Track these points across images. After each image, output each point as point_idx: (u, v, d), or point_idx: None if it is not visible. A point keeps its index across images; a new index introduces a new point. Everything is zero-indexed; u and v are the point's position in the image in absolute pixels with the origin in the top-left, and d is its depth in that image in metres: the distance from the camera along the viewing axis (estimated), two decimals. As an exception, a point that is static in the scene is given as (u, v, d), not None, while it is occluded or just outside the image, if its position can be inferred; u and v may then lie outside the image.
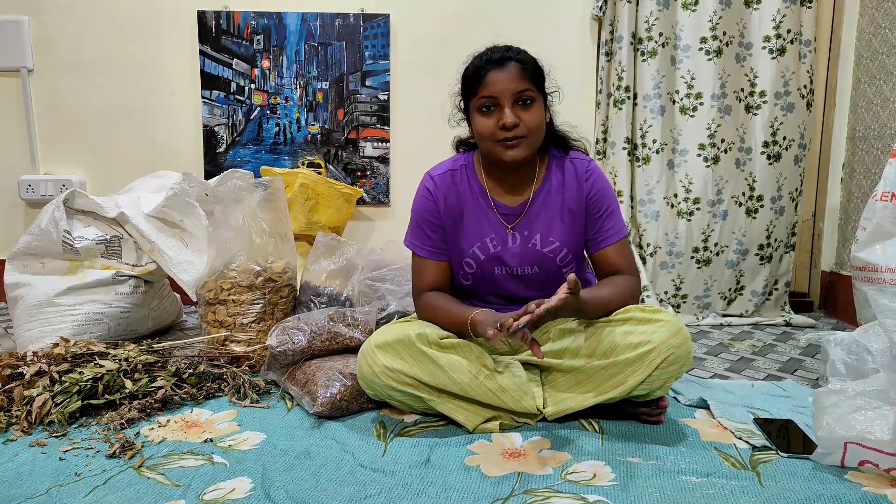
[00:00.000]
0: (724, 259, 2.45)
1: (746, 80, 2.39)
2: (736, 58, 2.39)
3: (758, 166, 2.40)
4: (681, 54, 2.40)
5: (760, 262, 2.46)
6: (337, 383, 1.40)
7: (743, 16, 2.38)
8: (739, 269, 2.46)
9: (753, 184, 2.41)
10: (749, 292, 2.48)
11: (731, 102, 2.40)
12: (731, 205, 2.43)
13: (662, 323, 1.24)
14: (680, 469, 1.14)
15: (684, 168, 2.43)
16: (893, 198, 1.82)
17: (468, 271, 1.47)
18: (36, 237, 1.87)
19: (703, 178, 2.41)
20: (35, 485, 1.08)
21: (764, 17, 2.35)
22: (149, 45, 2.55)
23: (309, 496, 1.04)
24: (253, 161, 2.58)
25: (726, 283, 2.47)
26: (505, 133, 1.31)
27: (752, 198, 2.42)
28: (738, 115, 2.41)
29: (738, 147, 2.42)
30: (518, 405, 1.31)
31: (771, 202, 2.41)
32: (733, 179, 2.42)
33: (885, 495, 1.03)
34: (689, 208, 2.42)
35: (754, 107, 2.38)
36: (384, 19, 2.51)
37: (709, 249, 2.45)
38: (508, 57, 1.33)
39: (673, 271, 2.47)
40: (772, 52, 2.35)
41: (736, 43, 2.38)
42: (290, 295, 1.83)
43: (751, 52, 2.37)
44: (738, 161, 2.42)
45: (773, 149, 2.38)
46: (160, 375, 1.50)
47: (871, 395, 1.12)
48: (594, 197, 1.42)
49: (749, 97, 2.39)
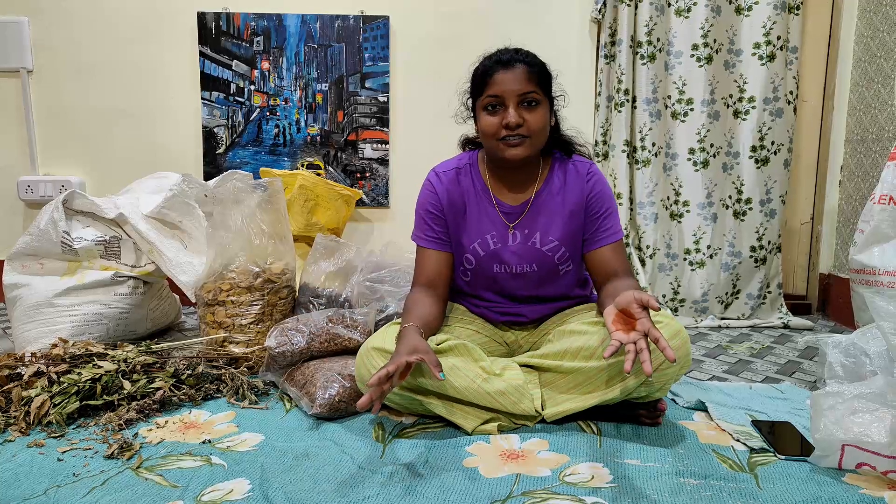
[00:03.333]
0: (720, 262, 2.47)
1: (735, 85, 2.43)
2: (725, 64, 2.43)
3: (745, 170, 2.43)
4: (673, 60, 2.44)
5: (755, 265, 2.47)
6: (336, 384, 1.40)
7: (733, 23, 2.41)
8: (736, 273, 2.47)
9: (741, 187, 2.45)
10: (745, 295, 2.49)
11: (719, 108, 2.45)
12: (720, 208, 2.47)
13: (662, 325, 1.24)
14: (678, 471, 1.14)
15: (675, 171, 2.48)
16: (891, 201, 1.83)
17: (467, 267, 1.47)
18: (35, 238, 1.87)
19: (690, 181, 2.46)
20: (33, 485, 1.08)
21: (755, 24, 2.39)
22: (148, 47, 2.55)
23: (307, 497, 1.04)
24: (252, 162, 2.58)
25: (723, 287, 2.48)
26: (508, 132, 1.33)
27: (739, 201, 2.46)
28: (726, 121, 2.45)
29: (726, 152, 2.46)
30: (516, 408, 1.31)
31: (760, 205, 2.44)
32: (721, 183, 2.46)
33: (882, 498, 1.04)
34: (679, 210, 2.48)
35: (742, 112, 2.42)
36: (384, 21, 2.51)
37: (700, 251, 2.48)
38: (517, 59, 1.34)
39: (671, 274, 2.48)
40: (762, 58, 2.38)
41: (725, 50, 2.43)
42: (289, 296, 1.83)
43: (740, 58, 2.41)
44: (724, 165, 2.47)
45: (760, 153, 2.42)
46: (159, 376, 1.50)
47: (868, 397, 1.13)
48: (594, 198, 1.43)
49: (738, 102, 2.43)
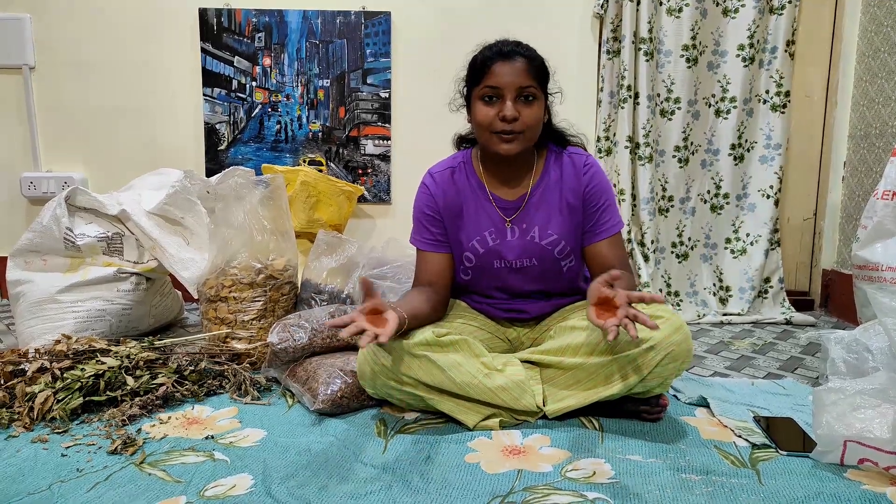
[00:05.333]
0: (698, 253, 2.56)
1: (718, 85, 2.48)
2: (708, 65, 2.48)
3: (724, 166, 2.51)
4: (663, 58, 2.47)
5: (734, 256, 2.52)
6: (338, 380, 1.40)
7: (720, 24, 2.45)
8: (714, 264, 2.54)
9: (720, 182, 2.52)
10: (737, 289, 2.51)
11: (700, 108, 2.51)
12: (698, 202, 2.55)
13: (663, 320, 1.24)
14: (680, 467, 1.14)
15: (668, 166, 2.53)
16: (894, 196, 1.82)
17: (468, 265, 1.47)
18: (38, 234, 1.88)
19: (674, 177, 2.53)
20: (37, 481, 1.09)
21: (740, 25, 2.42)
22: (150, 43, 2.55)
23: (310, 493, 1.04)
24: (254, 159, 2.58)
25: (707, 278, 2.54)
26: (503, 125, 1.32)
27: (717, 195, 2.54)
28: (706, 119, 2.51)
29: (706, 149, 2.52)
30: (518, 404, 1.31)
31: (737, 199, 2.52)
32: (699, 179, 2.54)
33: (884, 493, 1.04)
34: (665, 206, 2.54)
35: (724, 111, 2.48)
36: (385, 17, 2.51)
37: (684, 244, 2.56)
38: (517, 52, 1.33)
39: (660, 267, 2.53)
40: (745, 60, 2.43)
41: (710, 51, 2.47)
42: (291, 292, 1.83)
43: (725, 59, 2.46)
44: (703, 162, 2.54)
45: (737, 151, 2.49)
46: (161, 372, 1.50)
47: (870, 393, 1.13)
48: (592, 190, 1.42)
49: (720, 102, 2.48)
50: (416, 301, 1.36)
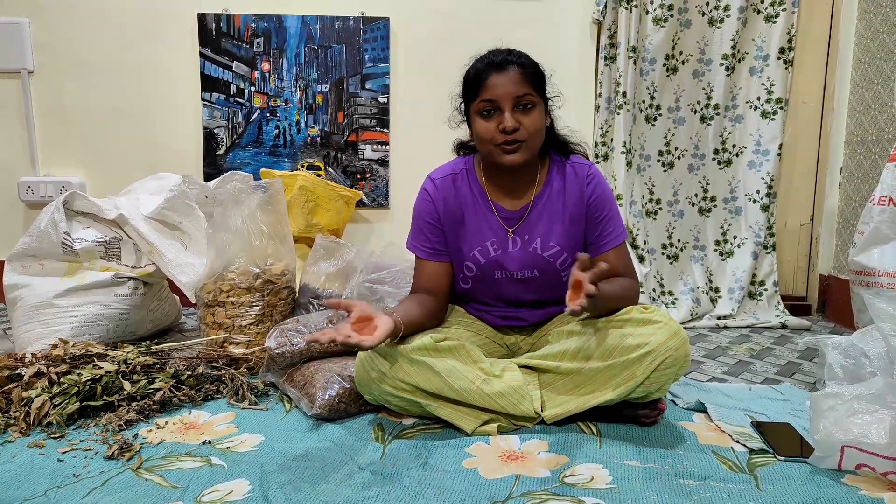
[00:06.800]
0: (688, 255, 2.60)
1: (703, 93, 2.51)
2: (693, 73, 2.51)
3: (710, 171, 2.55)
4: (647, 66, 2.50)
5: (722, 259, 2.56)
6: (335, 385, 1.40)
7: (705, 33, 2.48)
8: (705, 265, 2.57)
9: (707, 186, 2.56)
10: (726, 290, 2.53)
11: (685, 114, 2.54)
12: (686, 205, 2.60)
13: (661, 325, 1.24)
14: (677, 472, 1.14)
15: (666, 171, 2.57)
16: (891, 202, 1.83)
17: (468, 275, 1.47)
18: (35, 238, 1.88)
19: (662, 181, 2.58)
20: (33, 486, 1.08)
21: (725, 35, 2.45)
22: (149, 48, 2.55)
23: (307, 498, 1.04)
24: (252, 163, 2.58)
25: (700, 278, 2.55)
26: (505, 137, 1.31)
27: (704, 199, 2.58)
28: (692, 125, 2.54)
29: (692, 154, 2.56)
30: (516, 409, 1.31)
31: (724, 202, 2.56)
32: (687, 183, 2.58)
33: (881, 499, 1.04)
34: (653, 209, 2.59)
35: (708, 118, 2.52)
36: (384, 22, 2.52)
37: (675, 246, 2.59)
38: (510, 61, 1.32)
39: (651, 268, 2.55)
40: (727, 69, 2.46)
41: (695, 59, 2.50)
42: (289, 297, 1.83)
43: (710, 67, 2.49)
44: (690, 166, 2.57)
45: (722, 155, 2.54)
46: (159, 377, 1.50)
47: (868, 398, 1.13)
48: (595, 201, 1.41)
49: (705, 108, 2.52)
50: (413, 307, 1.36)
